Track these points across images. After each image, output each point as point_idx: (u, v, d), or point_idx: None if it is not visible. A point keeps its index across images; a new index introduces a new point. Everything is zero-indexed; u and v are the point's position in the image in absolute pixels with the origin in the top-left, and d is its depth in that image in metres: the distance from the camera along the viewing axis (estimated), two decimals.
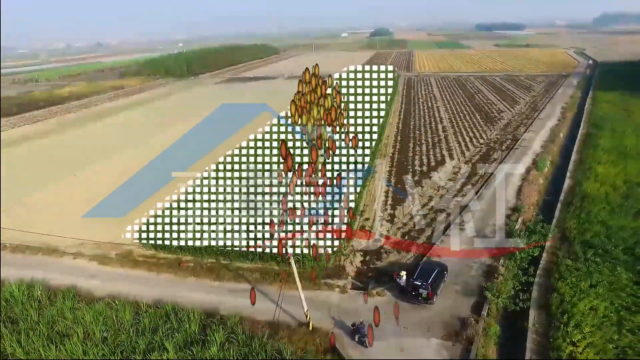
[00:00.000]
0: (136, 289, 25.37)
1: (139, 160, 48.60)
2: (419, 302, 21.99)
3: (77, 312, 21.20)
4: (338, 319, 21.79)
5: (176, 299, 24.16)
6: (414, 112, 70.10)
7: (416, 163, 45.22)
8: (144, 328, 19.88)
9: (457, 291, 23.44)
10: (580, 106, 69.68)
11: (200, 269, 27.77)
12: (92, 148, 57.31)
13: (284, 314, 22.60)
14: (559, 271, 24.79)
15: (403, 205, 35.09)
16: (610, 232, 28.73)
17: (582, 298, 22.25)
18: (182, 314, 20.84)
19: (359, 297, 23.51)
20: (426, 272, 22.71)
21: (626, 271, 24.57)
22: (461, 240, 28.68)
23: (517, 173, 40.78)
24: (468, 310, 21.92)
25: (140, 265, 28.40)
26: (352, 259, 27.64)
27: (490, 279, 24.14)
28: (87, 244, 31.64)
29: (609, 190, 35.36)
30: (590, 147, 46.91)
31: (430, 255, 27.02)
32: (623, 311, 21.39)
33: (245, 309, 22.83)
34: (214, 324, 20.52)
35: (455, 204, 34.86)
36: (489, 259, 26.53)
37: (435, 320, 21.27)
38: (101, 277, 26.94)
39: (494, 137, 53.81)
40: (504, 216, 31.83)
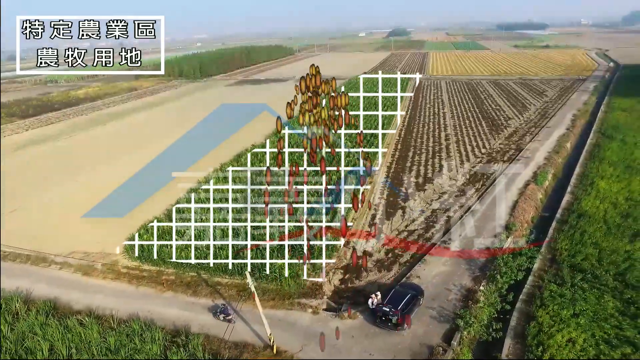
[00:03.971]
0: (113, 302, 25.63)
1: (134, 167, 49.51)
2: (389, 327, 21.46)
3: (47, 328, 21.53)
4: (305, 343, 21.48)
5: (150, 314, 24.31)
6: (418, 118, 69.00)
7: (412, 174, 44.40)
8: (107, 347, 20.05)
9: (432, 317, 22.78)
10: (593, 113, 67.22)
11: (179, 283, 27.88)
12: (93, 153, 58.47)
13: (253, 334, 22.47)
14: (541, 297, 23.84)
15: (392, 219, 34.46)
16: (603, 255, 27.48)
17: (562, 328, 21.28)
18: (147, 334, 20.90)
19: (331, 320, 23.14)
20: (398, 297, 22.15)
21: (614, 299, 23.43)
22: (442, 261, 27.93)
23: (514, 187, 39.53)
24: (440, 338, 21.27)
25: (122, 277, 28.70)
26: (331, 277, 27.26)
27: (468, 304, 23.37)
28: (77, 253, 32.32)
29: (608, 208, 33.87)
30: (596, 159, 45.12)
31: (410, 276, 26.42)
32: (603, 345, 20.33)
33: (215, 327, 22.82)
34: (175, 345, 20.50)
35: (446, 220, 34.05)
36: (469, 282, 25.75)
37: (403, 347, 20.71)
38: (82, 289, 27.32)
39: (497, 147, 52.40)
40: (493, 236, 30.83)
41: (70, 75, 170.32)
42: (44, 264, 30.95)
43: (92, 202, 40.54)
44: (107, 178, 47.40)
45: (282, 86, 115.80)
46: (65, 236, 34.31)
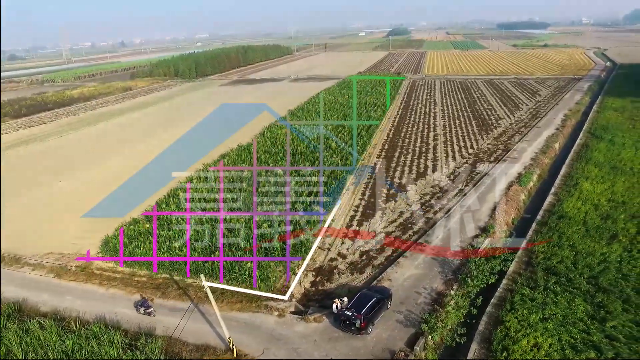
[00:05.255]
0: (81, 304, 25.41)
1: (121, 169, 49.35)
2: (352, 331, 21.13)
3: (7, 332, 21.27)
4: (267, 347, 21.18)
5: (117, 316, 24.11)
6: (409, 118, 68.53)
7: (397, 175, 43.99)
8: (65, 350, 19.78)
9: (398, 321, 22.43)
10: (585, 113, 66.70)
11: (150, 285, 27.62)
12: (78, 154, 58.28)
13: (217, 336, 22.18)
14: (512, 301, 23.46)
15: (370, 221, 34.10)
16: (579, 257, 27.08)
17: (528, 333, 20.93)
18: (104, 337, 20.62)
19: (296, 323, 22.83)
20: (362, 301, 21.80)
21: (585, 303, 23.05)
22: (415, 264, 27.56)
23: (497, 188, 39.09)
24: (403, 342, 20.92)
25: (93, 279, 28.44)
26: (302, 279, 26.95)
27: (436, 308, 23.01)
28: (53, 254, 32.11)
29: (589, 210, 33.45)
30: (582, 160, 44.65)
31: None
32: (569, 349, 19.98)
33: (180, 329, 22.54)
34: (134, 348, 20.23)
35: (425, 221, 33.67)
36: (441, 285, 25.38)
37: (365, 351, 20.38)
38: (52, 291, 27.10)
39: (485, 147, 51.92)
40: (470, 238, 30.44)
41: (67, 75, 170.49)
42: (17, 265, 30.72)
43: (72, 203, 40.47)
44: (90, 179, 47.29)
45: (276, 85, 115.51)
46: (41, 237, 34.13)
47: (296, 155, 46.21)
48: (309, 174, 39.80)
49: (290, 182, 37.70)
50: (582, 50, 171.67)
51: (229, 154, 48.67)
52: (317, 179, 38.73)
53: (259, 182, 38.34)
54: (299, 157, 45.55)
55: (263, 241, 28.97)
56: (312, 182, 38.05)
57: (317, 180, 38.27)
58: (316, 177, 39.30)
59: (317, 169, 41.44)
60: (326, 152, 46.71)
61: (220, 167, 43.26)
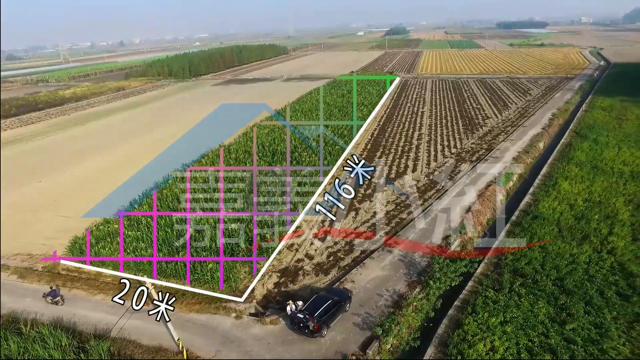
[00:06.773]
0: (40, 306, 25.08)
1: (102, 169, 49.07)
2: (306, 334, 20.75)
3: None
4: (219, 349, 20.82)
5: (74, 318, 23.79)
6: (396, 117, 68.10)
7: (376, 174, 43.57)
8: (8, 355, 19.45)
9: (355, 323, 22.03)
10: (574, 112, 66.18)
11: (113, 285, 27.25)
12: (62, 155, 57.99)
13: (171, 338, 21.80)
14: (474, 303, 23.05)
15: (342, 221, 33.68)
16: (547, 259, 26.65)
17: (486, 337, 20.51)
18: (50, 339, 20.27)
19: (252, 325, 22.46)
20: (318, 304, 21.41)
21: (548, 305, 22.63)
22: (381, 265, 27.15)
23: (475, 188, 38.65)
24: (357, 346, 20.53)
25: (57, 280, 28.12)
26: (266, 280, 26.58)
27: (393, 311, 22.61)
28: (21, 255, 31.81)
29: (565, 210, 32.99)
30: (564, 159, 44.18)
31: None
32: (525, 353, 19.57)
33: (136, 331, 22.20)
34: (80, 350, 19.89)
35: (398, 222, 33.26)
36: (404, 287, 24.97)
37: (318, 354, 19.99)
38: (12, 293, 26.77)
39: (468, 147, 51.47)
40: (439, 240, 30.00)
41: (62, 75, 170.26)
42: None
43: (49, 204, 40.24)
44: (70, 179, 47.02)
45: (267, 85, 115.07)
46: (13, 238, 33.79)
47: (275, 155, 45.83)
48: (282, 174, 39.46)
49: (263, 182, 37.37)
50: (577, 49, 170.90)
51: (208, 154, 48.30)
52: (291, 179, 38.35)
53: (229, 181, 38.06)
54: (277, 157, 45.17)
55: (229, 241, 28.67)
56: (285, 182, 37.67)
57: (291, 180, 37.90)
58: (291, 177, 38.92)
59: (298, 169, 41.14)
60: (305, 152, 46.31)
61: (196, 167, 42.95)
